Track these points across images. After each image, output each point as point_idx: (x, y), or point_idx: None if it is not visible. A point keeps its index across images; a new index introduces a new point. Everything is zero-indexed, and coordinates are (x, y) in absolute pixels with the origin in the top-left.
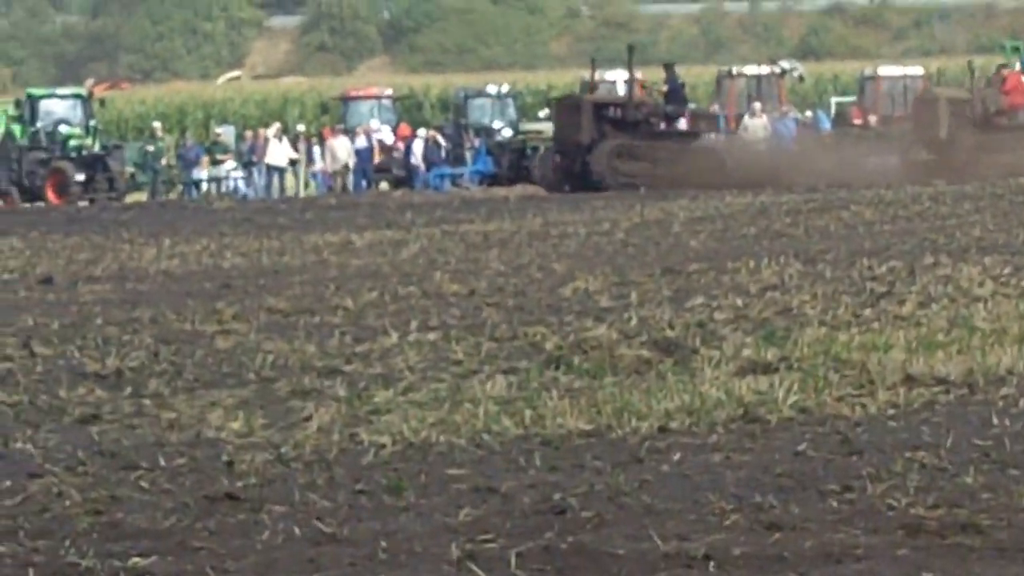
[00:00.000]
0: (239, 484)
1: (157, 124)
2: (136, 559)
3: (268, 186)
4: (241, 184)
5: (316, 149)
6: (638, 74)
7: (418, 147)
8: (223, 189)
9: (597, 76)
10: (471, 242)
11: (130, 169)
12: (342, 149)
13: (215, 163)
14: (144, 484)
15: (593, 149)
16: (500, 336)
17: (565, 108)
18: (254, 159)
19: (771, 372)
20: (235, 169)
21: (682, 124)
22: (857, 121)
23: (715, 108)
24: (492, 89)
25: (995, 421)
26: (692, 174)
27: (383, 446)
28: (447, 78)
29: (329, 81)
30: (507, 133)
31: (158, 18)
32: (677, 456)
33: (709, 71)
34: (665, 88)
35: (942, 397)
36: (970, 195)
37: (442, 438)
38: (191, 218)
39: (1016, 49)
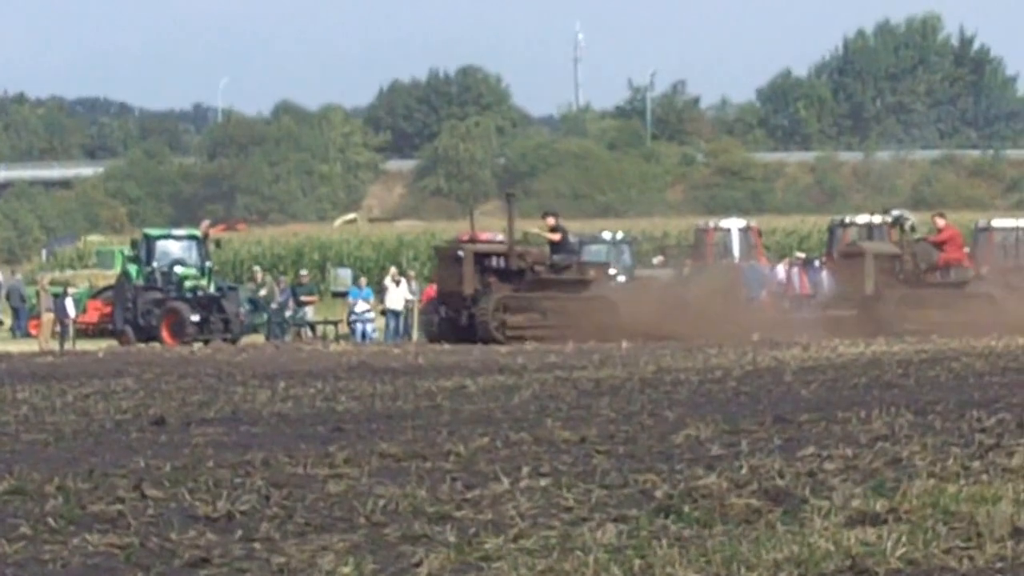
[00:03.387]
0: None
1: (257, 268)
2: None
3: (387, 329)
4: (368, 327)
5: None
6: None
7: None
8: (353, 333)
9: (711, 223)
10: (583, 388)
11: (244, 310)
12: None
13: (300, 305)
14: None
15: (477, 301)
16: (611, 483)
17: (446, 258)
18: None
19: (880, 523)
20: (367, 312)
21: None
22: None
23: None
24: (607, 235)
25: None
26: (585, 325)
27: None
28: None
29: (444, 225)
30: (622, 279)
31: (275, 160)
32: None
33: (823, 220)
34: (556, 236)
35: None
36: None
37: None
38: (306, 361)
39: None
